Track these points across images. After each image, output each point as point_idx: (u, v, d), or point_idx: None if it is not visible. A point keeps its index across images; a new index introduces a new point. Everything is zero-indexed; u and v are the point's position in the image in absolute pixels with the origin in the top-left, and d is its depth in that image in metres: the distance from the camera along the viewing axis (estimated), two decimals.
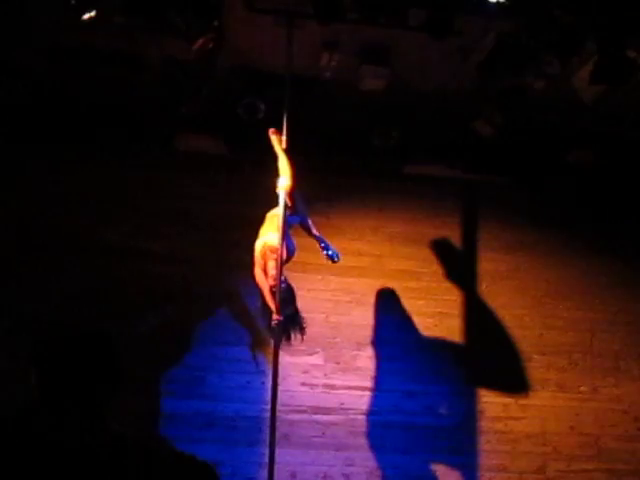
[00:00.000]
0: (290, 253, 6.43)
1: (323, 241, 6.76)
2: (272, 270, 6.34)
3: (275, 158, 6.33)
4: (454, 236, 8.13)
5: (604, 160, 7.95)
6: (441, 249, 8.07)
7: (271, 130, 6.41)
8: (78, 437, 2.03)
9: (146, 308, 7.32)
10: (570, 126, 7.74)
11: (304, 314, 6.91)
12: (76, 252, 7.29)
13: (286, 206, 6.28)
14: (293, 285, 6.52)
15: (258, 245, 6.49)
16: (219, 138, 7.75)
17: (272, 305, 6.27)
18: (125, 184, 7.54)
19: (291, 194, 6.27)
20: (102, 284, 7.24)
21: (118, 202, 7.50)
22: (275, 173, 6.43)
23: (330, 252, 6.72)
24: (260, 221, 6.60)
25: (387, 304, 7.86)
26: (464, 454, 7.62)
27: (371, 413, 7.56)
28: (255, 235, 6.61)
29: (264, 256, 6.41)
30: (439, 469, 7.56)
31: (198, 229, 7.60)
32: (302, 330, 6.52)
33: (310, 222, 6.75)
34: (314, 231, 6.79)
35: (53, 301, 7.03)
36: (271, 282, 6.32)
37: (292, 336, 6.46)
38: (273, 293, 6.27)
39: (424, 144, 7.87)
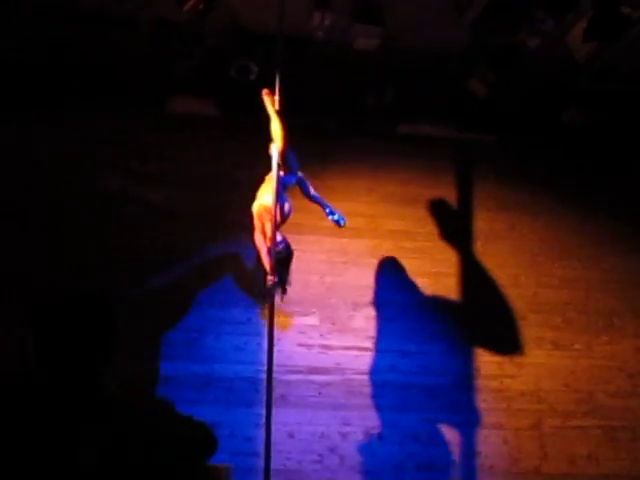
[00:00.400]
0: (285, 214, 6.43)
1: (327, 206, 6.77)
2: (269, 231, 6.34)
3: (268, 119, 6.29)
4: (449, 195, 8.13)
5: (598, 118, 7.93)
6: (436, 209, 8.06)
7: (264, 91, 6.37)
8: (76, 400, 2.03)
9: (138, 271, 7.32)
10: (565, 84, 7.71)
11: (299, 275, 6.94)
12: (64, 216, 7.26)
13: (279, 167, 6.27)
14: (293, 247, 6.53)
15: (255, 207, 6.49)
16: (211, 100, 7.71)
17: (267, 266, 6.28)
18: (116, 146, 7.51)
19: (283, 154, 6.25)
20: (91, 248, 7.23)
21: (109, 164, 7.47)
22: (268, 134, 6.41)
23: (336, 217, 6.74)
24: (256, 183, 6.59)
25: (382, 264, 7.87)
26: (460, 412, 7.67)
27: (367, 373, 7.60)
28: (249, 197, 6.60)
29: (261, 217, 6.41)
30: (435, 428, 7.61)
31: (190, 191, 7.58)
32: (284, 291, 6.49)
33: (309, 184, 6.74)
34: (312, 192, 6.78)
35: (41, 268, 7.02)
36: (268, 243, 6.33)
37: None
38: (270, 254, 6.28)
39: (418, 104, 7.83)
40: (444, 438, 7.61)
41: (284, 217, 6.44)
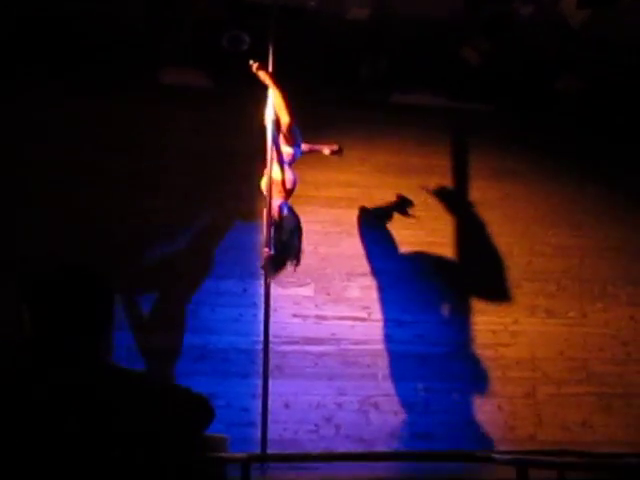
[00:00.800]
0: (291, 185, 6.46)
1: (319, 146, 6.86)
2: (275, 202, 6.38)
3: (261, 90, 6.28)
4: (443, 165, 8.12)
5: (592, 86, 7.91)
6: (430, 178, 8.06)
7: (255, 65, 6.34)
8: (73, 373, 2.04)
9: (133, 245, 7.31)
10: (558, 52, 7.68)
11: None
12: (56, 187, 7.23)
13: (285, 138, 6.31)
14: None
15: (264, 181, 6.48)
16: (203, 71, 7.66)
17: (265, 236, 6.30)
18: (109, 119, 7.47)
19: (289, 127, 6.28)
20: (87, 220, 7.21)
21: (102, 136, 7.43)
22: (262, 105, 6.41)
23: (333, 147, 6.88)
24: (251, 153, 6.59)
25: (376, 234, 7.87)
26: (455, 381, 7.71)
27: (362, 343, 7.63)
28: (244, 168, 6.60)
29: (269, 190, 6.39)
30: (431, 396, 7.66)
31: (184, 162, 7.55)
32: (297, 262, 6.53)
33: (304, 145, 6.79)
34: (311, 147, 6.87)
35: (35, 239, 7.01)
36: (273, 214, 6.34)
37: (287, 265, 6.47)
38: (270, 226, 6.29)
39: (411, 73, 7.80)
40: (439, 407, 7.66)
41: (289, 189, 6.46)
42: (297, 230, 6.49)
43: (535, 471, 5.48)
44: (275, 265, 6.33)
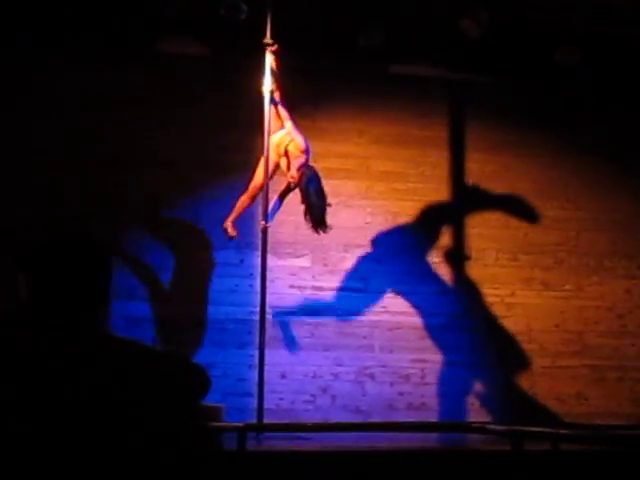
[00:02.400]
0: (304, 145, 6.47)
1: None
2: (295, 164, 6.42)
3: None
4: (441, 137, 8.10)
5: (591, 58, 7.87)
6: (427, 150, 8.04)
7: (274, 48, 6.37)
8: (71, 342, 2.04)
9: (131, 216, 7.30)
10: (557, 24, 7.64)
11: (290, 217, 6.94)
12: (55, 156, 7.21)
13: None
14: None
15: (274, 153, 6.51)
16: (201, 40, 7.61)
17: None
18: (108, 89, 7.42)
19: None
20: (85, 192, 7.19)
21: (101, 107, 7.39)
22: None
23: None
24: (247, 124, 6.57)
25: (374, 206, 7.87)
26: (451, 353, 7.74)
27: (359, 314, 7.64)
28: (239, 137, 6.59)
29: (267, 161, 6.41)
30: (427, 367, 7.69)
31: (181, 132, 7.52)
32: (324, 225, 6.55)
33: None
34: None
35: (39, 205, 7.01)
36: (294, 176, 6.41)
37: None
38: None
39: (410, 44, 7.76)
40: (435, 378, 7.70)
41: (304, 149, 6.46)
42: (321, 190, 6.55)
43: (530, 443, 5.51)
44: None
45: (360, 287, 7.66)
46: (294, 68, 6.78)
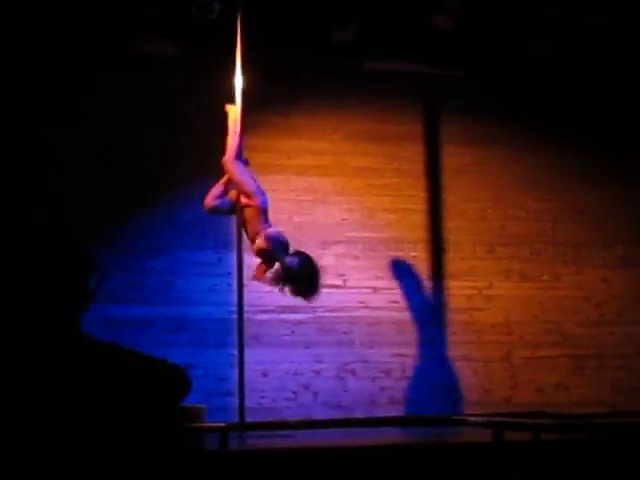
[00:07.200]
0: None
1: None
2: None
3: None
4: (416, 131, 8.12)
5: (563, 49, 7.90)
6: (403, 145, 8.06)
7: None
8: (49, 345, 2.04)
9: (108, 216, 7.27)
10: (529, 15, 7.66)
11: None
12: (23, 160, 7.16)
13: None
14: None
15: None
16: (172, 40, 7.58)
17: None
18: (77, 88, 7.37)
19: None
20: (58, 193, 7.15)
21: (71, 108, 7.34)
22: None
23: None
24: (218, 124, 6.55)
25: (350, 202, 7.87)
26: (431, 346, 7.77)
27: (338, 310, 7.65)
28: (212, 139, 6.59)
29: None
30: (407, 361, 7.71)
31: (154, 132, 7.48)
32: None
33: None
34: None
35: (8, 219, 6.96)
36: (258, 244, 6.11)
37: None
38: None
39: (383, 39, 7.76)
40: (415, 372, 7.72)
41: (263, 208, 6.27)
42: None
43: (511, 433, 5.54)
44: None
45: (339, 283, 7.67)
46: (266, 66, 6.77)
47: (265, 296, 7.45)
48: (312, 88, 7.87)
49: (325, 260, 7.66)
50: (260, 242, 6.00)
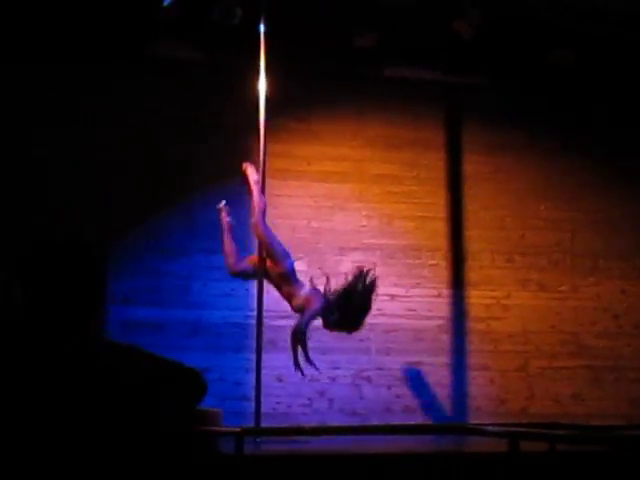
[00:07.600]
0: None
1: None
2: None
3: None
4: (435, 139, 8.10)
5: (585, 59, 7.87)
6: (422, 152, 8.04)
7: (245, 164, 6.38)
8: (66, 348, 2.04)
9: (125, 219, 7.29)
10: (551, 24, 7.64)
11: (286, 220, 6.94)
12: (37, 159, 7.18)
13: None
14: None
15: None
16: (193, 44, 7.60)
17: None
18: (98, 93, 7.40)
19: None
20: (74, 194, 7.17)
21: (91, 110, 7.37)
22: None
23: None
24: (239, 129, 6.55)
25: (369, 209, 7.87)
26: (447, 355, 7.74)
27: None
28: (232, 143, 6.58)
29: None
30: (423, 369, 7.69)
31: (173, 137, 7.50)
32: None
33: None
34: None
35: (24, 217, 6.99)
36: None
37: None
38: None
39: (404, 46, 7.76)
40: (431, 380, 7.69)
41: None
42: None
43: (526, 444, 5.51)
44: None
45: None
46: (288, 72, 6.77)
47: (282, 301, 7.45)
48: (333, 94, 7.87)
49: (343, 266, 7.66)
50: (303, 303, 6.18)
